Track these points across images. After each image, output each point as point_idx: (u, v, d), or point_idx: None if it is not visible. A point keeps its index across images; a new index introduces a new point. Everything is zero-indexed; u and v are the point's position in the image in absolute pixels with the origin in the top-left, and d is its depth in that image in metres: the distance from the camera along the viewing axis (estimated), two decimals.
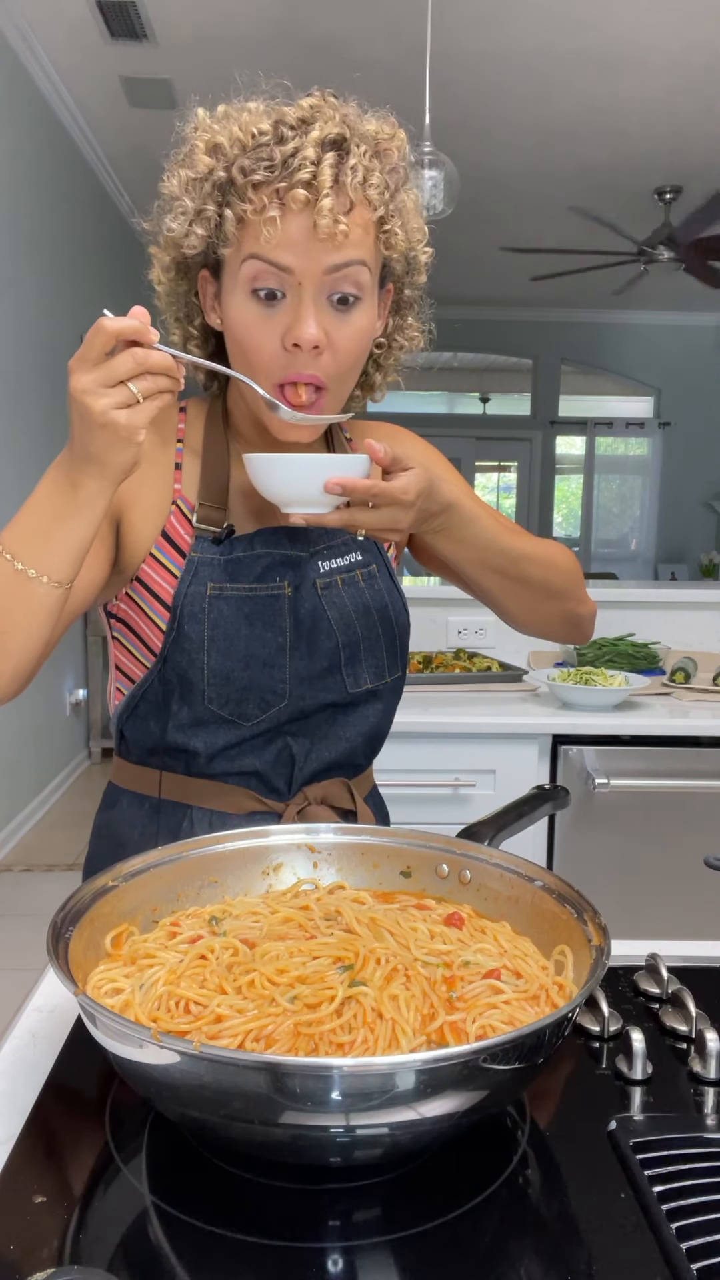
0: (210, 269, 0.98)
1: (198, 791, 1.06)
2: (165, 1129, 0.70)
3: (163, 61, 4.20)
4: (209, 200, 0.91)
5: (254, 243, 0.90)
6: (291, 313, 0.91)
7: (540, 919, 0.82)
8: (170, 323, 1.05)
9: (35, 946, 0.74)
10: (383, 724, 1.13)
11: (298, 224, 0.88)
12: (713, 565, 8.24)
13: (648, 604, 2.83)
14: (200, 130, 0.94)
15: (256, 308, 0.91)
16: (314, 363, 0.92)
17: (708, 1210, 0.61)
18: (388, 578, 1.10)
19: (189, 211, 0.92)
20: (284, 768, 1.06)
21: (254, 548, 1.01)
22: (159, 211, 0.99)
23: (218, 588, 0.99)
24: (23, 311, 4.19)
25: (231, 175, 0.90)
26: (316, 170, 0.87)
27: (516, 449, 9.17)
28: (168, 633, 1.00)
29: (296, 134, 0.89)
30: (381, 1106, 0.58)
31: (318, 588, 1.04)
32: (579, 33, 3.92)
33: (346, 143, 0.90)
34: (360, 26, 3.86)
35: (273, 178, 0.88)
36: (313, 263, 0.89)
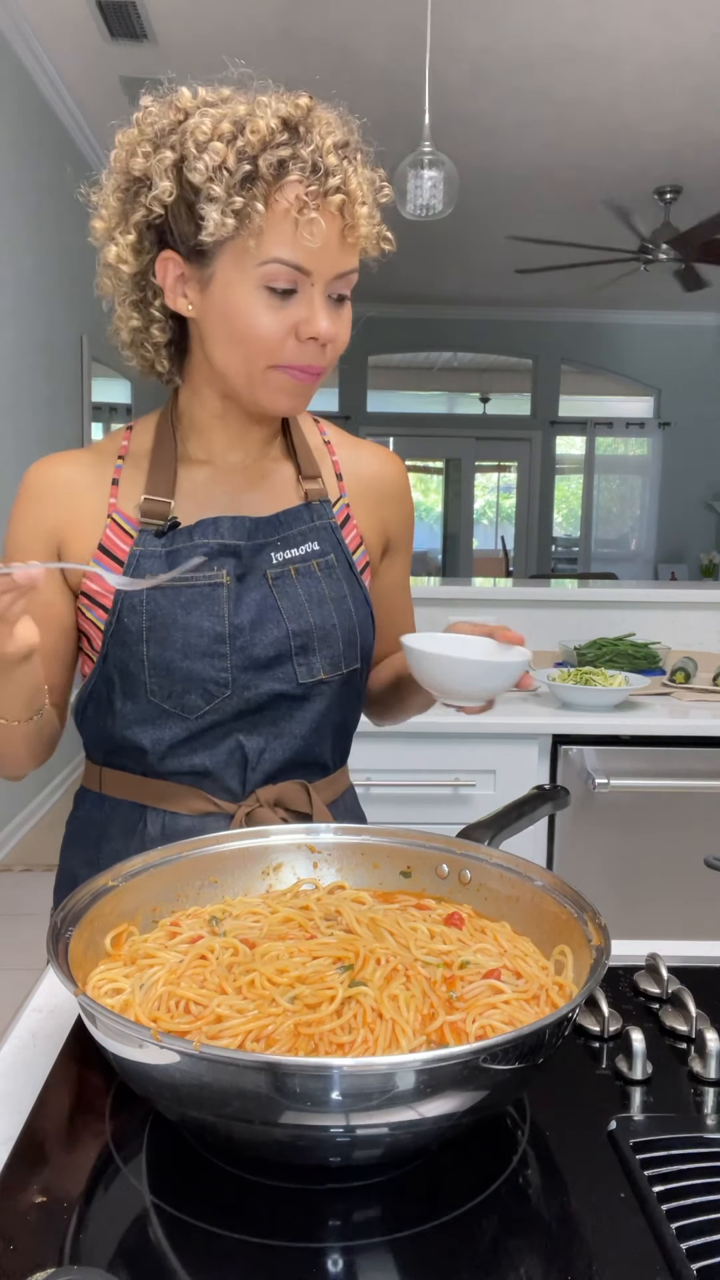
0: (183, 252, 0.95)
1: (150, 792, 1.06)
2: (165, 1129, 0.70)
3: (163, 61, 4.20)
4: (236, 192, 0.90)
5: (279, 245, 0.90)
6: (304, 308, 0.93)
7: (540, 919, 0.82)
8: (125, 308, 1.03)
9: (35, 946, 0.75)
10: (344, 719, 1.11)
11: (328, 227, 0.91)
12: (713, 565, 8.24)
13: (648, 604, 2.83)
14: (192, 114, 0.93)
15: (267, 299, 0.92)
16: (321, 354, 0.96)
17: (708, 1210, 0.61)
18: (347, 569, 1.08)
19: (219, 200, 0.89)
20: (237, 767, 1.05)
21: (192, 539, 1.02)
22: (115, 187, 0.97)
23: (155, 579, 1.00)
24: (22, 311, 4.19)
25: (259, 169, 0.89)
26: (344, 177, 0.90)
27: (516, 449, 9.17)
28: (107, 627, 1.01)
29: (310, 134, 0.90)
30: (381, 1106, 0.58)
31: (268, 578, 1.03)
32: (579, 32, 3.92)
33: (350, 148, 0.93)
34: (360, 26, 3.86)
35: (304, 179, 0.89)
36: (328, 267, 0.93)
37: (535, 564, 9.09)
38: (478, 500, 9.54)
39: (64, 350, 4.82)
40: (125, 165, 0.96)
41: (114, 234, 0.99)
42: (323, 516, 1.08)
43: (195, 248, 0.93)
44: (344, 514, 1.11)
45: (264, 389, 0.97)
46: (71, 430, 5.01)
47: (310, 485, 1.08)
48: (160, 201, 0.93)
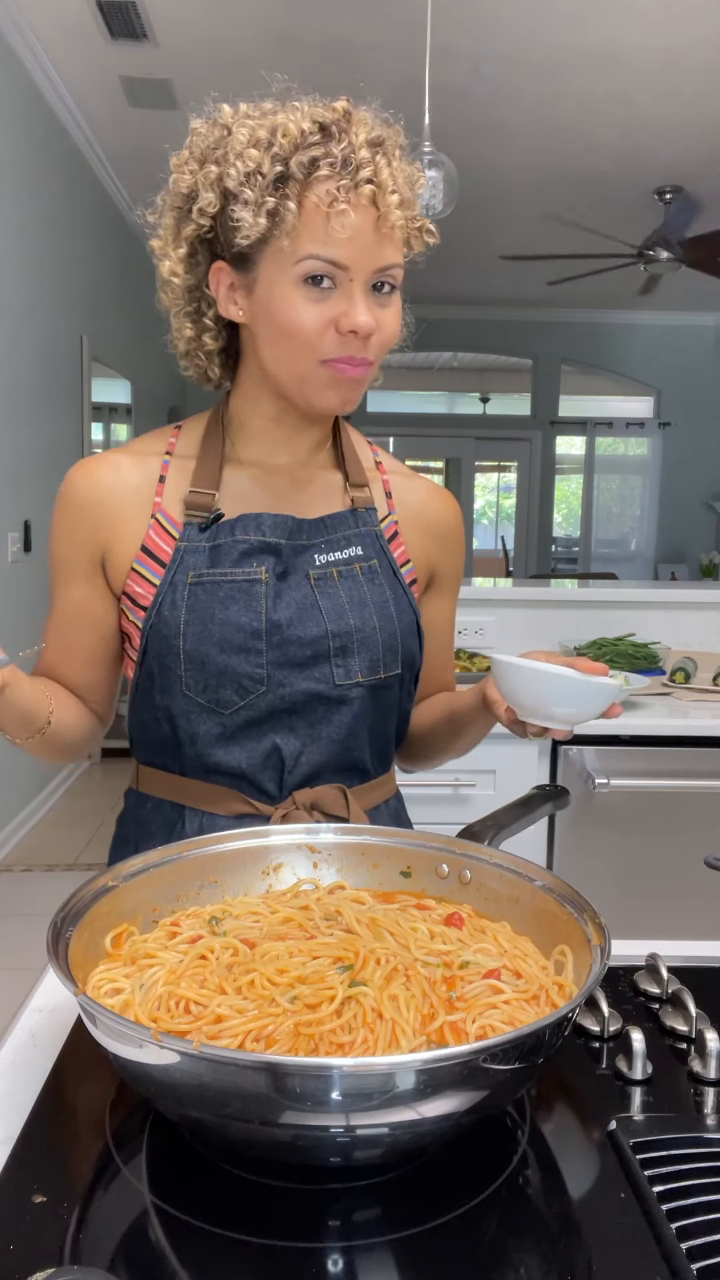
0: (231, 260, 0.98)
1: (189, 791, 1.06)
2: (165, 1129, 0.70)
3: (163, 61, 4.20)
4: (268, 193, 0.92)
5: (313, 242, 0.92)
6: (344, 301, 0.94)
7: (540, 919, 0.82)
8: (180, 319, 1.06)
9: (35, 946, 0.74)
10: (383, 725, 1.10)
11: (360, 220, 0.91)
12: (713, 565, 8.24)
13: (648, 604, 2.83)
14: (237, 124, 0.95)
15: (307, 294, 0.94)
16: (365, 346, 0.96)
17: (708, 1210, 0.61)
18: (391, 575, 1.08)
19: (251, 203, 0.92)
20: (273, 769, 1.05)
21: (234, 533, 1.02)
22: (169, 206, 1.01)
23: (198, 574, 1.01)
24: (22, 310, 4.19)
25: (290, 170, 0.91)
26: (375, 169, 0.91)
27: (516, 449, 9.17)
28: (146, 620, 1.02)
29: (343, 134, 0.92)
30: (381, 1106, 0.58)
31: (310, 578, 1.04)
32: (579, 32, 3.92)
33: (386, 144, 0.94)
34: (360, 27, 3.86)
35: (335, 173, 0.90)
36: (366, 260, 0.93)
37: (535, 564, 9.09)
38: (478, 500, 9.55)
39: (64, 350, 4.82)
40: (176, 185, 0.99)
41: (167, 250, 1.03)
42: (368, 523, 1.08)
43: (239, 254, 0.96)
44: (392, 529, 1.11)
45: (312, 385, 0.97)
46: (71, 430, 5.01)
47: (357, 493, 1.09)
48: (205, 213, 0.96)
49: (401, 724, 1.14)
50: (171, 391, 7.98)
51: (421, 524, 1.14)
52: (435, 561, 1.16)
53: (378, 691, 1.06)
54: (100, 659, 1.10)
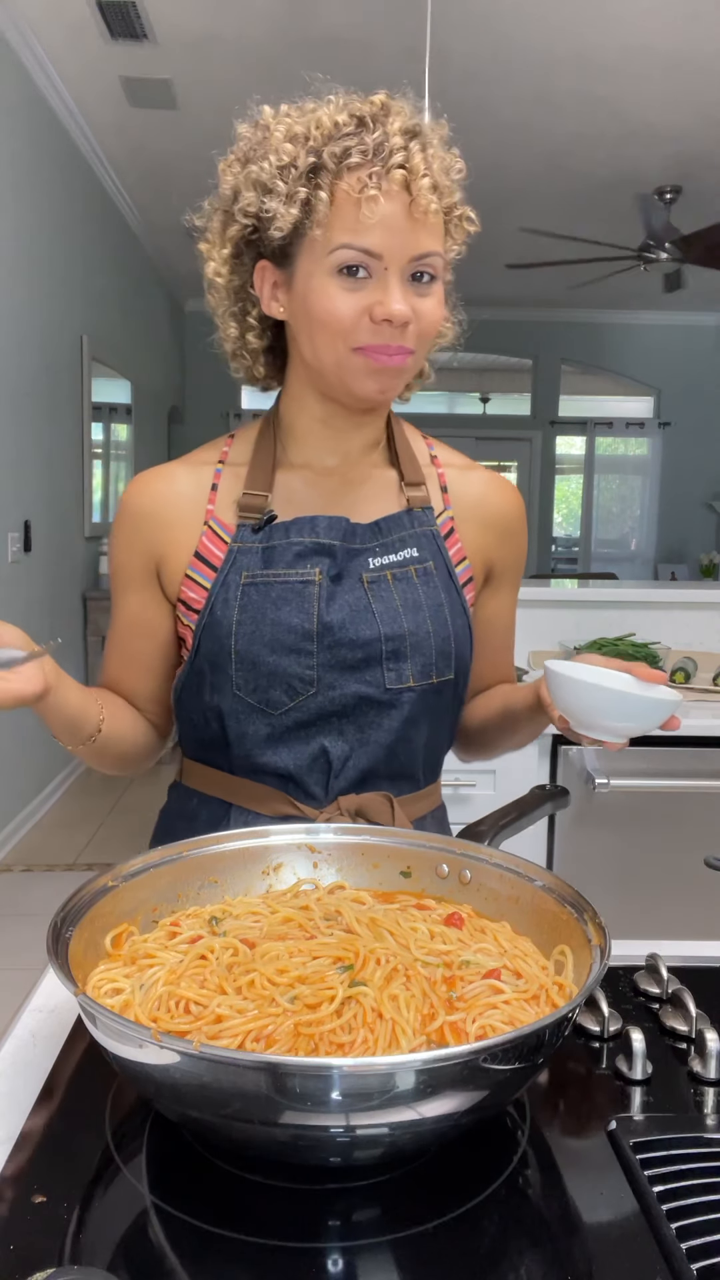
0: (272, 258, 0.98)
1: (236, 790, 1.07)
2: (165, 1129, 0.70)
3: (163, 61, 4.20)
4: (300, 184, 0.92)
5: (345, 231, 0.91)
6: (379, 290, 0.93)
7: (540, 919, 0.82)
8: (224, 318, 1.06)
9: (35, 946, 0.74)
10: (434, 732, 1.09)
11: (392, 207, 0.91)
12: (713, 565, 8.23)
13: (648, 604, 2.83)
14: (276, 121, 0.96)
15: (342, 284, 0.93)
16: (402, 334, 0.95)
17: (708, 1210, 0.61)
18: (446, 577, 1.07)
19: (282, 193, 0.92)
20: (320, 772, 1.04)
21: (288, 535, 1.02)
22: (215, 209, 1.01)
23: (251, 575, 1.01)
24: (22, 310, 4.19)
25: (323, 160, 0.91)
26: (408, 155, 0.90)
27: (516, 449, 9.17)
28: (199, 620, 1.02)
29: (377, 124, 0.92)
30: (381, 1106, 0.58)
31: (364, 581, 1.03)
32: (579, 32, 3.92)
33: (423, 133, 0.94)
34: (360, 26, 3.86)
35: (366, 161, 0.90)
36: (400, 249, 0.92)
37: (535, 564, 9.09)
38: None
39: (64, 350, 4.82)
40: (222, 187, 1.00)
41: (213, 251, 1.03)
42: (424, 523, 1.07)
43: (278, 250, 0.96)
44: (448, 526, 1.10)
45: (349, 373, 0.97)
46: (71, 430, 5.01)
47: (413, 492, 1.08)
48: (245, 212, 0.96)
49: (452, 730, 1.13)
50: (171, 391, 7.98)
51: (480, 518, 1.12)
52: (494, 556, 1.14)
53: (429, 696, 1.05)
54: (157, 669, 1.11)
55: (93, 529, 5.40)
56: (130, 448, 6.47)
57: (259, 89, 0.98)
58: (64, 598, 4.94)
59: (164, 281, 7.48)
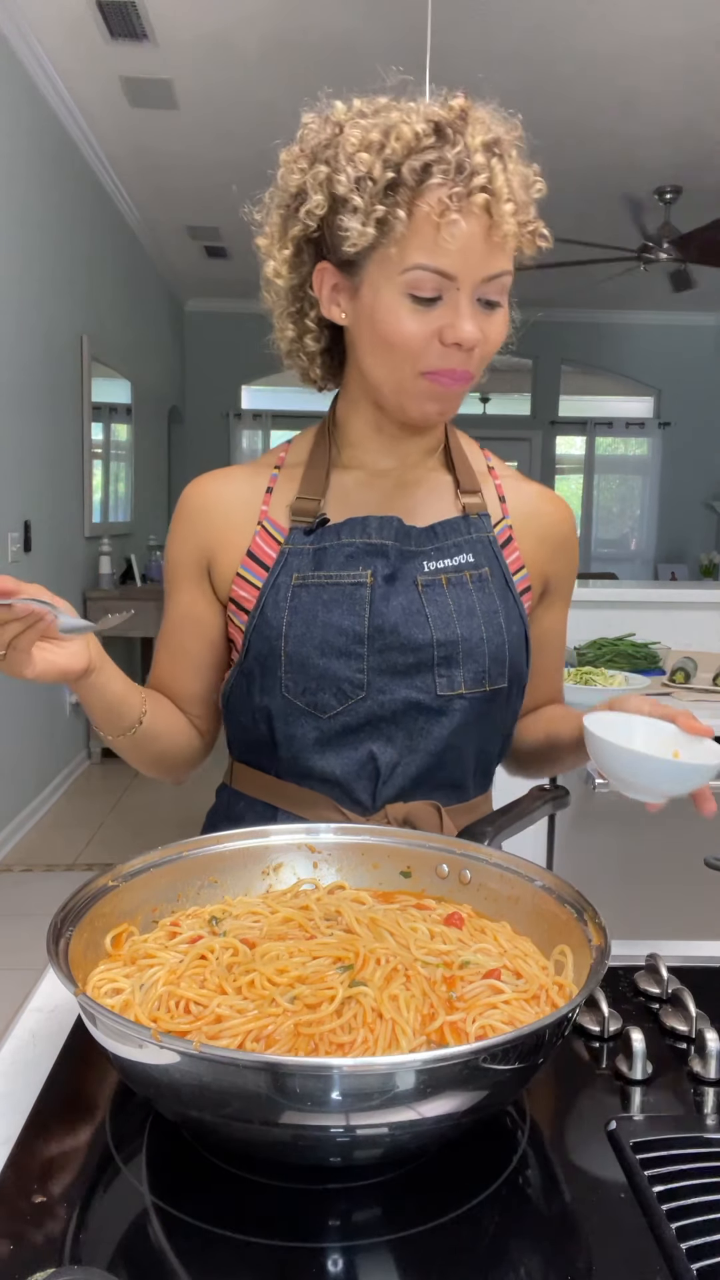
0: (335, 262, 0.95)
1: (283, 794, 1.06)
2: (165, 1129, 0.70)
3: (163, 61, 4.20)
4: (378, 200, 0.88)
5: (421, 251, 0.89)
6: (450, 312, 0.91)
7: (540, 919, 0.82)
8: (282, 319, 1.04)
9: (35, 946, 0.74)
10: (485, 741, 1.07)
11: (471, 228, 0.88)
12: (713, 565, 8.23)
13: (648, 604, 2.83)
14: (350, 122, 0.93)
15: (411, 305, 0.91)
16: (467, 358, 0.94)
17: (708, 1210, 0.61)
18: (503, 584, 1.05)
19: (361, 210, 0.89)
20: (368, 779, 1.03)
21: (339, 537, 1.01)
22: (277, 204, 0.98)
23: (302, 577, 1.00)
24: (22, 310, 4.19)
25: (402, 176, 0.88)
26: (490, 175, 0.88)
27: (516, 449, 9.17)
28: (249, 620, 1.02)
29: (457, 136, 0.89)
30: (381, 1106, 0.58)
31: (418, 584, 1.02)
32: (579, 32, 3.92)
33: (502, 145, 0.91)
34: (360, 26, 3.86)
35: (448, 180, 0.87)
36: (474, 270, 0.90)
37: None
38: None
39: (64, 350, 4.82)
40: (285, 182, 0.97)
41: (272, 249, 1.00)
42: (481, 530, 1.06)
43: (345, 257, 0.94)
44: (506, 535, 1.09)
45: (410, 396, 0.96)
46: (71, 430, 5.01)
47: (469, 499, 1.07)
48: (314, 215, 0.94)
49: (505, 741, 1.12)
50: (172, 391, 7.98)
51: (536, 531, 1.11)
52: (549, 570, 1.12)
53: (481, 704, 1.03)
54: (205, 668, 1.11)
55: (93, 529, 5.40)
56: (130, 448, 6.47)
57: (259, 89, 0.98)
58: (64, 597, 4.93)
59: (164, 281, 7.48)
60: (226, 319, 8.25)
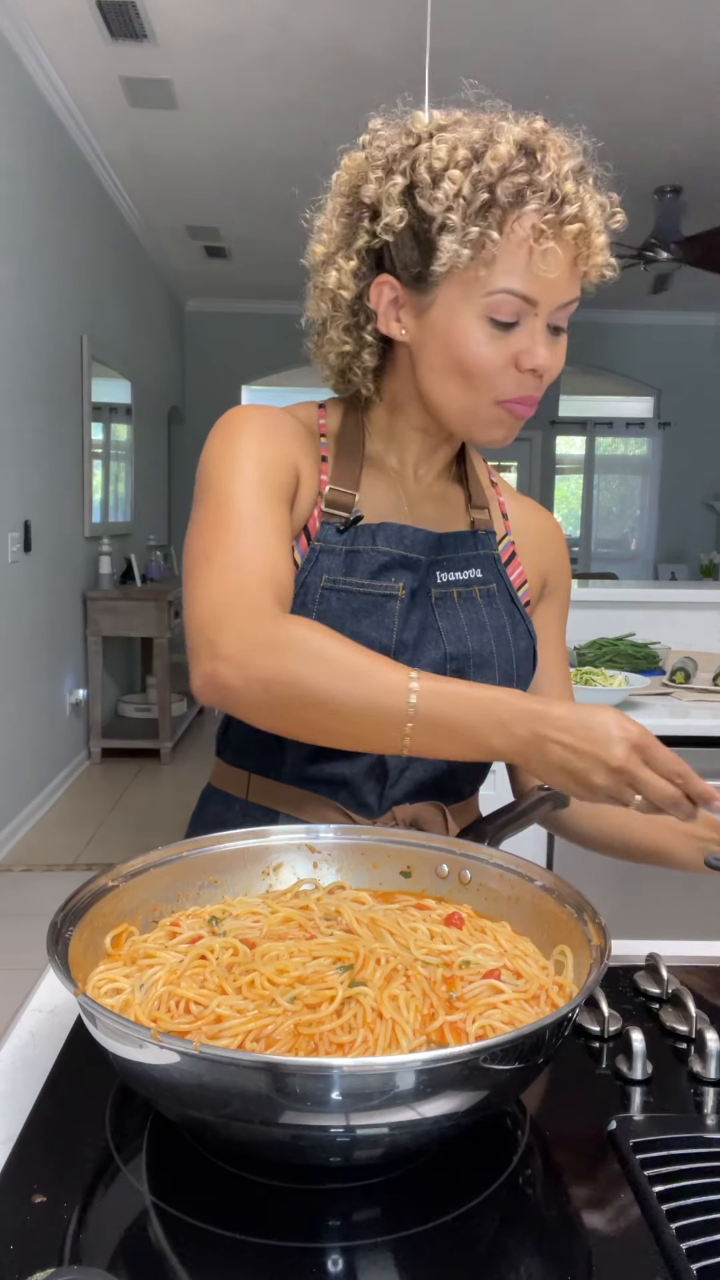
0: (401, 277, 0.93)
1: (286, 798, 1.04)
2: (165, 1129, 0.70)
3: (163, 61, 4.20)
4: (473, 221, 0.87)
5: (509, 276, 0.88)
6: (526, 338, 0.91)
7: (540, 919, 0.82)
8: (338, 332, 0.99)
9: (35, 946, 0.75)
10: None
11: (562, 257, 0.89)
12: (713, 565, 8.23)
13: (648, 604, 2.83)
14: (434, 136, 0.90)
15: (490, 330, 0.90)
16: (539, 385, 0.94)
17: (708, 1210, 0.61)
18: (509, 600, 1.06)
19: (457, 230, 0.87)
20: (375, 781, 1.02)
21: (375, 542, 0.99)
22: (339, 212, 0.96)
23: (332, 579, 0.97)
24: (22, 311, 4.19)
25: (496, 197, 0.86)
26: (581, 205, 0.87)
27: (516, 449, 9.17)
28: None
29: (546, 159, 0.87)
30: (381, 1106, 0.58)
31: (432, 596, 1.01)
32: (579, 32, 3.92)
33: (585, 171, 0.90)
34: (360, 26, 3.86)
35: (542, 208, 0.86)
36: (555, 297, 0.91)
37: None
38: None
39: (64, 350, 4.82)
40: (353, 190, 0.94)
41: (335, 259, 0.97)
42: (487, 546, 1.06)
43: (417, 274, 0.91)
44: (509, 551, 1.09)
45: (481, 422, 0.95)
46: (71, 430, 5.01)
47: (478, 514, 1.07)
48: (391, 229, 0.91)
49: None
50: (172, 391, 7.98)
51: (534, 545, 1.13)
52: (547, 569, 1.14)
53: None
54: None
55: (93, 529, 5.40)
56: (130, 448, 6.47)
57: (259, 89, 0.98)
58: (64, 598, 4.94)
59: (164, 281, 7.48)
60: (226, 319, 8.25)
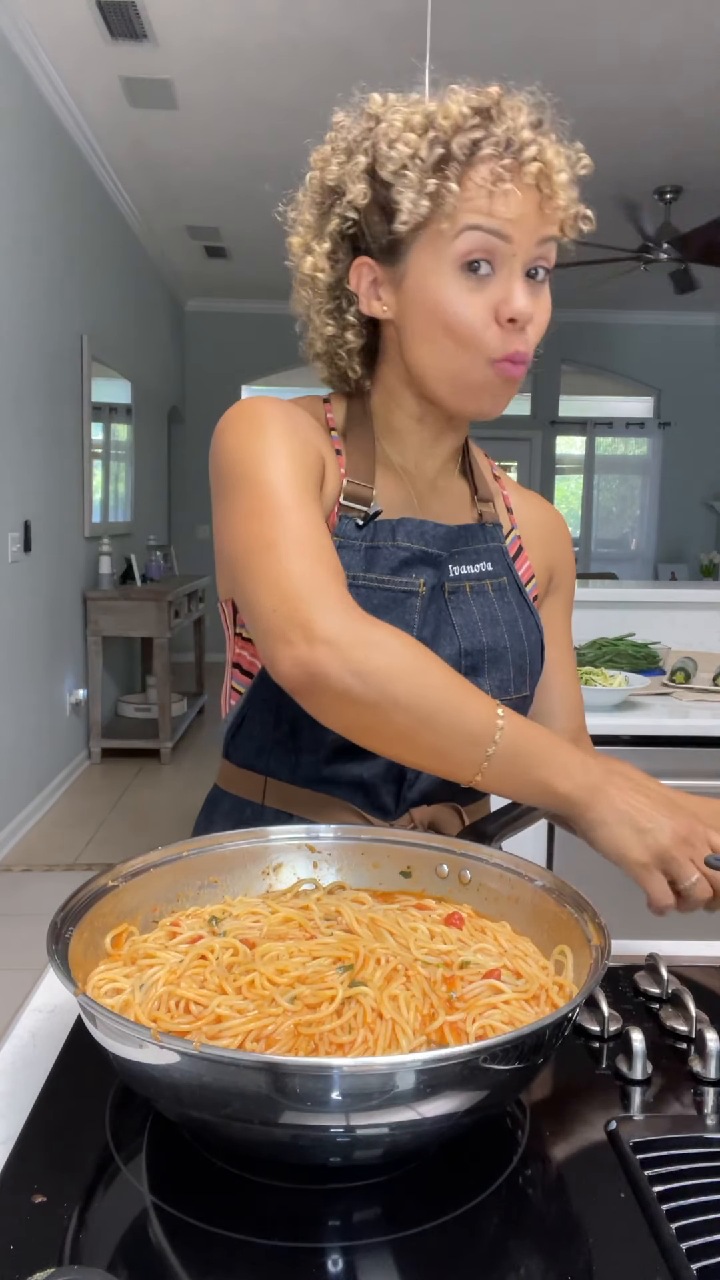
0: (375, 254, 0.94)
1: (301, 801, 1.03)
2: (165, 1129, 0.70)
3: (163, 61, 4.20)
4: (429, 176, 0.87)
5: (475, 214, 0.87)
6: (502, 287, 0.90)
7: (540, 919, 0.82)
8: (320, 317, 1.01)
9: (35, 946, 0.75)
10: None
11: (526, 198, 0.88)
12: (713, 565, 8.24)
13: (648, 604, 2.83)
14: (388, 111, 0.92)
15: (465, 282, 0.90)
16: (523, 337, 0.92)
17: (708, 1210, 0.61)
18: (518, 593, 1.05)
19: (413, 184, 0.87)
20: (393, 783, 1.01)
21: (395, 538, 0.98)
22: (311, 202, 0.97)
23: (352, 576, 0.96)
24: (22, 310, 4.19)
25: (451, 151, 0.87)
26: (540, 149, 0.88)
27: (516, 449, 9.17)
28: None
29: (502, 116, 0.88)
30: (381, 1106, 0.58)
31: (445, 591, 1.01)
32: (579, 32, 3.92)
33: (544, 125, 0.90)
34: (360, 26, 3.87)
35: (498, 155, 0.87)
36: (529, 234, 0.89)
37: None
38: None
39: (64, 350, 4.82)
40: (319, 179, 0.96)
41: (310, 245, 0.98)
42: (495, 539, 1.05)
43: (387, 245, 0.92)
44: (516, 545, 1.09)
45: (471, 389, 0.94)
46: (71, 430, 5.01)
47: (484, 507, 1.06)
48: (354, 206, 0.93)
49: None
50: (172, 391, 7.98)
51: (540, 538, 1.12)
52: (553, 562, 1.14)
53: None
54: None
55: (93, 529, 5.41)
56: (130, 448, 6.47)
57: (258, 89, 0.98)
58: (64, 598, 4.94)
59: (164, 281, 7.48)
60: (226, 319, 8.25)
